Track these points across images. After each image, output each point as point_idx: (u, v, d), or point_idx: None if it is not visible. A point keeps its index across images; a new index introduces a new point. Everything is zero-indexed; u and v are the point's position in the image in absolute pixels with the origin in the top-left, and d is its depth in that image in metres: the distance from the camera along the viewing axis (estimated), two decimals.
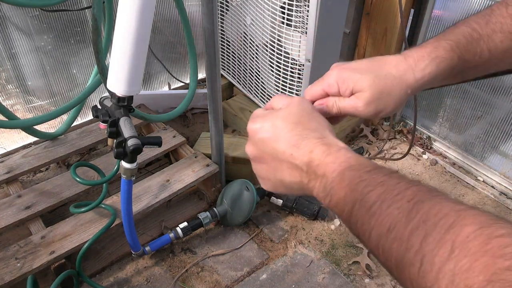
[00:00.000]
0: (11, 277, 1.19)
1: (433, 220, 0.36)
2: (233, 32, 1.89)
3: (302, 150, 0.49)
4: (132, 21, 1.02)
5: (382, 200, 0.40)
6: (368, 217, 0.41)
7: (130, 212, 1.25)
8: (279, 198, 1.59)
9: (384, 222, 0.39)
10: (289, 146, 0.50)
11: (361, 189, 0.43)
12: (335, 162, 0.46)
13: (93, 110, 1.13)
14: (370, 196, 0.41)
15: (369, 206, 0.41)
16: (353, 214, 0.43)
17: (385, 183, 0.42)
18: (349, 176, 0.45)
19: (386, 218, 0.39)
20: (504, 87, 1.63)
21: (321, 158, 0.47)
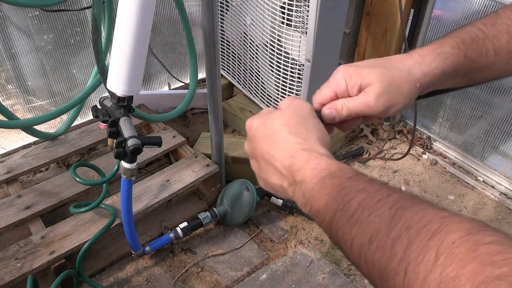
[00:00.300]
0: (11, 277, 1.19)
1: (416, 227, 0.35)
2: (233, 32, 1.89)
3: (283, 153, 0.49)
4: (132, 21, 1.02)
5: (363, 208, 0.39)
6: (349, 226, 0.40)
7: (130, 212, 1.25)
8: (279, 198, 1.59)
9: (365, 230, 0.38)
10: (272, 147, 0.50)
11: (342, 197, 0.42)
12: (315, 168, 0.46)
13: (93, 110, 1.13)
14: (351, 204, 0.40)
15: (351, 214, 0.40)
16: (333, 223, 0.42)
17: (366, 189, 0.41)
18: (330, 183, 0.44)
19: (368, 226, 0.38)
20: (504, 87, 1.63)
21: (300, 164, 0.47)
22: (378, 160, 1.90)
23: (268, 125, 0.51)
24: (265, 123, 0.52)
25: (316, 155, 0.47)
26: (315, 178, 0.45)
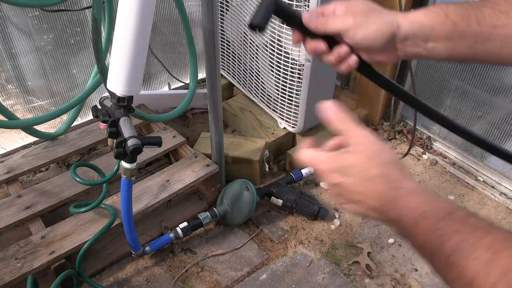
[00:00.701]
0: (11, 277, 1.19)
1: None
2: (233, 32, 1.89)
3: (373, 196, 0.50)
4: (132, 21, 1.02)
5: (459, 251, 0.40)
6: (449, 267, 0.41)
7: (130, 212, 1.25)
8: (279, 198, 1.59)
9: (463, 274, 0.39)
10: (361, 190, 0.51)
11: (437, 238, 0.43)
12: (407, 209, 0.47)
13: (93, 110, 1.13)
14: (446, 246, 0.42)
15: (447, 256, 0.41)
16: (434, 261, 0.44)
17: (461, 231, 0.42)
18: (423, 225, 0.45)
19: (465, 269, 0.39)
20: (504, 87, 1.63)
21: (391, 203, 0.48)
22: None
23: (350, 172, 0.52)
24: (344, 170, 0.52)
25: (405, 193, 0.48)
26: (408, 217, 0.46)
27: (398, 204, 0.48)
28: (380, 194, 0.49)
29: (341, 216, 1.65)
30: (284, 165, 1.86)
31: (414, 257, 1.50)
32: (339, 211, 1.67)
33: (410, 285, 1.41)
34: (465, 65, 1.72)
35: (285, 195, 1.58)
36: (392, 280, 1.43)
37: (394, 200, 0.48)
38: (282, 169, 1.85)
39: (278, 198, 1.59)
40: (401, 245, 1.54)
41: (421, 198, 0.47)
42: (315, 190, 1.76)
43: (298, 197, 1.57)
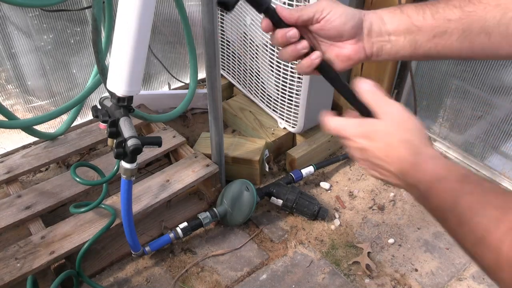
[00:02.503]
0: (11, 277, 1.19)
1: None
2: (233, 32, 1.89)
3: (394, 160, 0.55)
4: (132, 21, 1.02)
5: (470, 209, 0.44)
6: (460, 226, 0.45)
7: (130, 212, 1.25)
8: (279, 198, 1.59)
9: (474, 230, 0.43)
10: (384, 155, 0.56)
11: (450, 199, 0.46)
12: (425, 172, 0.51)
13: (93, 110, 1.13)
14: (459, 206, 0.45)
15: (459, 214, 0.45)
16: (447, 221, 0.47)
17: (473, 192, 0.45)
18: (439, 187, 0.49)
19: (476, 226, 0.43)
20: (504, 87, 1.63)
21: (411, 168, 0.52)
22: None
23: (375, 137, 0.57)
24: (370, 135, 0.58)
25: (424, 159, 0.52)
26: (424, 181, 0.50)
27: (417, 168, 0.52)
28: (401, 159, 0.54)
29: (341, 216, 1.65)
30: (284, 165, 1.86)
31: (414, 257, 1.50)
32: (339, 211, 1.67)
33: (410, 285, 1.41)
34: (465, 65, 1.72)
35: (285, 195, 1.58)
36: (392, 280, 1.43)
37: (413, 165, 0.52)
38: (282, 169, 1.85)
39: (278, 198, 1.59)
40: (401, 245, 1.54)
41: (439, 163, 0.51)
42: (315, 190, 1.76)
43: (298, 197, 1.57)
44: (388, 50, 0.67)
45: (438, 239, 1.56)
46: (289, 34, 0.65)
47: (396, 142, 0.55)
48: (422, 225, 1.61)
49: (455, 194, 0.46)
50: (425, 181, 0.50)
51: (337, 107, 2.10)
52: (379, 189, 1.76)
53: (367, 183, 1.79)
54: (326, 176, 1.82)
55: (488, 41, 0.60)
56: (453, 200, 0.46)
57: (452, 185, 0.48)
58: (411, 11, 0.64)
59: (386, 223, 1.62)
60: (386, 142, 0.56)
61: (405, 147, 0.54)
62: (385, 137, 0.56)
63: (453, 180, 0.48)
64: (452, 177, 0.49)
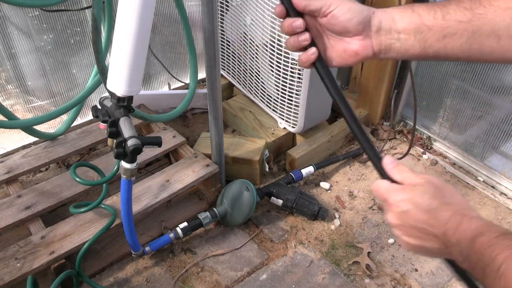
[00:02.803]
0: (11, 277, 1.19)
1: None
2: (233, 32, 1.89)
3: (439, 222, 0.56)
4: (132, 21, 1.02)
5: (508, 262, 0.45)
6: (498, 278, 0.46)
7: (130, 212, 1.25)
8: (279, 198, 1.59)
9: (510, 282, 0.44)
10: (427, 219, 0.57)
11: (489, 253, 0.48)
12: (466, 230, 0.52)
13: (93, 110, 1.13)
14: (497, 259, 0.47)
15: (497, 268, 0.46)
16: (485, 276, 0.48)
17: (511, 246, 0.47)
18: (479, 242, 0.50)
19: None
20: (504, 87, 1.63)
21: (454, 228, 0.54)
22: None
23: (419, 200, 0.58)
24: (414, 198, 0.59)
25: (468, 218, 0.54)
26: (467, 239, 0.52)
27: (461, 227, 0.53)
28: (446, 219, 0.55)
29: (341, 216, 1.65)
30: (284, 165, 1.86)
31: (414, 257, 1.50)
32: (339, 211, 1.67)
33: (410, 285, 1.41)
34: (465, 65, 1.72)
35: (285, 195, 1.58)
36: (392, 280, 1.43)
37: (458, 224, 0.54)
38: (282, 169, 1.85)
39: (278, 198, 1.59)
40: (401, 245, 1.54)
41: (481, 222, 0.53)
42: (315, 190, 1.76)
43: (298, 197, 1.57)
44: (397, 48, 0.67)
45: None
46: (295, 24, 0.66)
47: (440, 205, 0.57)
48: None
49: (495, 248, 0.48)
50: (467, 237, 0.52)
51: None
52: None
53: (367, 183, 1.79)
54: (326, 176, 1.82)
55: (497, 44, 0.61)
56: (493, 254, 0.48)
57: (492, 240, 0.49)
58: (422, 11, 0.64)
59: (386, 223, 1.62)
60: (429, 205, 0.57)
61: (449, 209, 0.56)
62: (428, 199, 0.57)
63: (493, 236, 0.50)
64: (493, 233, 0.50)
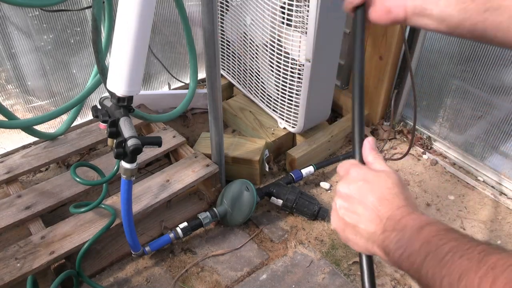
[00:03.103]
0: (11, 277, 1.19)
1: (500, 268, 0.41)
2: (233, 32, 1.89)
3: (391, 204, 0.54)
4: (132, 21, 1.02)
5: (454, 252, 0.45)
6: (440, 267, 0.45)
7: (130, 212, 1.25)
8: (279, 198, 1.59)
9: (455, 271, 0.44)
10: (381, 198, 0.55)
11: (436, 241, 0.47)
12: (416, 219, 0.52)
13: (93, 110, 1.13)
14: (443, 248, 0.46)
15: (442, 257, 0.46)
16: (424, 264, 0.47)
17: (459, 239, 0.47)
18: (427, 230, 0.49)
19: (458, 267, 0.44)
20: (504, 87, 1.63)
21: (404, 214, 0.53)
22: None
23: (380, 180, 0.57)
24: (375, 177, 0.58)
25: (419, 213, 0.54)
26: (415, 226, 0.51)
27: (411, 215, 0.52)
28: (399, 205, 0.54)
29: None
30: (284, 165, 1.86)
31: None
32: None
33: (410, 285, 1.41)
34: (465, 65, 1.72)
35: (285, 195, 1.58)
36: (392, 280, 1.43)
37: (409, 213, 0.53)
38: (282, 169, 1.85)
39: (278, 198, 1.59)
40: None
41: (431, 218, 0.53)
42: (315, 190, 1.76)
43: (298, 197, 1.57)
44: (432, 14, 0.65)
45: None
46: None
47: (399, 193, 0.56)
48: None
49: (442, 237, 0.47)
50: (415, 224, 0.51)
51: (337, 107, 2.10)
52: None
53: None
54: (326, 176, 1.82)
55: None
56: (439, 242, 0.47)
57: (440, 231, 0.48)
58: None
59: None
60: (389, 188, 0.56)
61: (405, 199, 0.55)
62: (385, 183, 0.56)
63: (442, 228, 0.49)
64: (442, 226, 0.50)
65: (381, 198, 0.55)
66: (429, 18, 0.66)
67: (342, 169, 0.62)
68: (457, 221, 1.63)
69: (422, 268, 0.47)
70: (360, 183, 0.58)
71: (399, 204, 0.54)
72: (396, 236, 0.52)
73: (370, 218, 0.55)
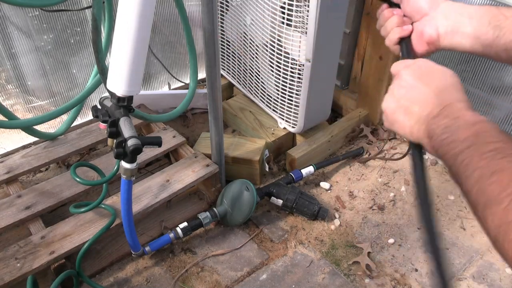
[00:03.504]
0: (11, 277, 1.19)
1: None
2: (233, 32, 1.89)
3: (452, 96, 0.56)
4: (132, 21, 1.02)
5: (498, 152, 0.46)
6: (477, 159, 0.46)
7: (130, 212, 1.25)
8: (279, 198, 1.59)
9: (491, 167, 0.45)
10: (444, 86, 0.57)
11: (484, 137, 0.48)
12: (473, 116, 0.53)
13: (93, 110, 1.14)
14: (489, 145, 0.47)
15: (484, 151, 0.46)
16: (463, 153, 0.48)
17: (507, 142, 0.47)
18: (480, 126, 0.50)
19: (495, 164, 0.45)
20: (504, 87, 1.63)
21: (463, 109, 0.54)
22: (378, 160, 1.90)
23: (446, 74, 0.59)
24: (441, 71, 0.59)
25: (477, 113, 0.55)
26: (470, 120, 0.52)
27: (469, 111, 0.54)
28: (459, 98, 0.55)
29: (341, 216, 1.65)
30: (284, 165, 1.86)
31: (414, 257, 1.50)
32: (339, 211, 1.67)
33: (410, 285, 1.41)
34: (465, 65, 1.72)
35: (285, 195, 1.58)
36: (392, 280, 1.43)
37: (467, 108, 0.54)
38: (282, 169, 1.85)
39: (278, 198, 1.59)
40: (401, 245, 1.54)
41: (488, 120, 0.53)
42: (315, 190, 1.76)
43: (298, 197, 1.57)
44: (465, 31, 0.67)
45: None
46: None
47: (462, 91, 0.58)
48: (422, 225, 1.61)
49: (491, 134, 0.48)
50: (469, 119, 0.52)
51: (337, 107, 2.10)
52: (379, 189, 1.76)
53: (367, 183, 1.79)
54: (326, 176, 1.82)
55: None
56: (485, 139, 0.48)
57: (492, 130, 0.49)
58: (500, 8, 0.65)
59: (386, 223, 1.62)
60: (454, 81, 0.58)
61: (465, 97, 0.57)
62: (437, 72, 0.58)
63: (495, 128, 0.49)
64: (496, 127, 0.50)
65: (445, 86, 0.56)
66: (463, 36, 0.67)
67: (407, 62, 0.63)
68: (457, 221, 1.63)
69: (459, 155, 0.49)
70: (425, 70, 0.59)
71: (461, 99, 0.56)
72: (447, 122, 0.53)
73: (428, 101, 0.56)
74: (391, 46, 0.77)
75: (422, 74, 0.59)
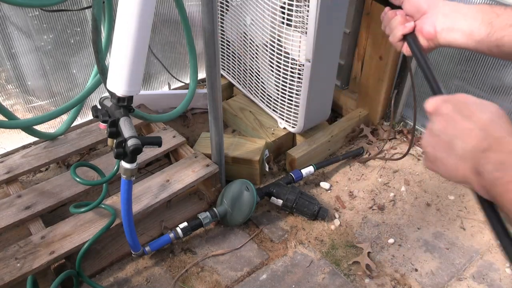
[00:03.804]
0: (11, 277, 1.19)
1: None
2: (233, 32, 1.89)
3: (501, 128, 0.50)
4: (132, 21, 1.02)
5: None
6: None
7: (130, 212, 1.25)
8: (279, 198, 1.59)
9: None
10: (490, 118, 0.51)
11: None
12: None
13: (93, 110, 1.14)
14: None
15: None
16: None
17: None
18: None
19: None
20: (504, 87, 1.63)
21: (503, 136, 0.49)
22: (378, 160, 1.90)
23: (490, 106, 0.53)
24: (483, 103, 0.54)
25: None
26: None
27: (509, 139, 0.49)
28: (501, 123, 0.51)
29: (341, 216, 1.65)
30: (284, 165, 1.86)
31: (414, 257, 1.50)
32: (339, 211, 1.67)
33: (410, 285, 1.41)
34: (465, 65, 1.72)
35: (285, 195, 1.58)
36: (392, 280, 1.43)
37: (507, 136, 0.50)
38: (282, 169, 1.85)
39: (278, 198, 1.59)
40: (401, 245, 1.54)
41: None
42: (315, 190, 1.76)
43: (298, 197, 1.57)
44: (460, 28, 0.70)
45: (438, 239, 1.56)
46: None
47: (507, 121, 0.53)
48: (422, 225, 1.61)
49: None
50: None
51: (337, 107, 2.10)
52: (379, 189, 1.76)
53: (367, 183, 1.79)
54: (326, 176, 1.82)
55: None
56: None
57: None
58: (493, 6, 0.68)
59: (386, 223, 1.62)
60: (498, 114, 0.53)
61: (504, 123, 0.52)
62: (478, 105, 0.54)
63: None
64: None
65: (491, 119, 0.51)
66: (458, 32, 0.71)
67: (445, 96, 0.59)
68: (457, 221, 1.63)
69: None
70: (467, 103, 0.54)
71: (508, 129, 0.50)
72: (500, 157, 0.48)
73: (473, 134, 0.51)
74: (394, 42, 0.80)
75: (464, 107, 0.54)
